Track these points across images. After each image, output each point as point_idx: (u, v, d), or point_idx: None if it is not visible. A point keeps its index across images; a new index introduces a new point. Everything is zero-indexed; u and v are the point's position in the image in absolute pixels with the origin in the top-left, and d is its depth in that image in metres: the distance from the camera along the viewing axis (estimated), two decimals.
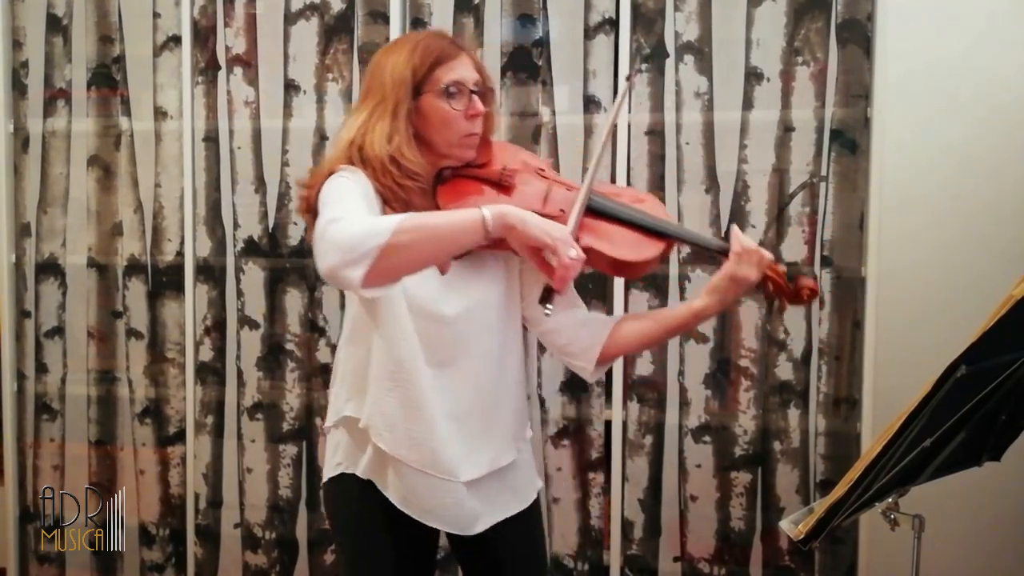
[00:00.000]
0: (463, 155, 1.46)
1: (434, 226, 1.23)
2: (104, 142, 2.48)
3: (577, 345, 1.53)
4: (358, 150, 1.41)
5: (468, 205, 1.41)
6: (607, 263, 1.47)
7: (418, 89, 1.41)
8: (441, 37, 1.47)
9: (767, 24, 2.12)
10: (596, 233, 1.46)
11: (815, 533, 1.27)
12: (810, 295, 1.48)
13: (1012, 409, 1.34)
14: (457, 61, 1.43)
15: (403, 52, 1.43)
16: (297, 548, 2.43)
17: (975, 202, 2.22)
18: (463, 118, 1.42)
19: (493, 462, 1.50)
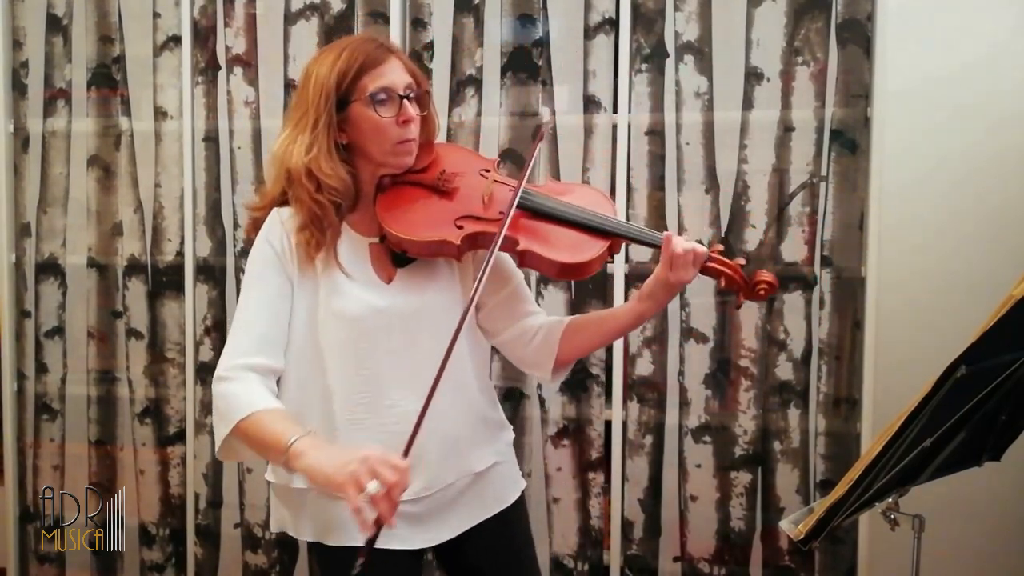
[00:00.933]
0: (400, 162, 1.43)
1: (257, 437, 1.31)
2: (104, 142, 2.48)
3: (532, 357, 1.51)
4: (283, 164, 1.40)
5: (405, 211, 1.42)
6: (547, 266, 1.43)
7: (346, 99, 1.38)
8: (368, 41, 1.42)
9: (767, 24, 2.12)
10: (534, 236, 1.43)
11: (815, 533, 1.27)
12: (767, 290, 1.43)
13: (1012, 409, 1.33)
14: (385, 66, 1.39)
15: (327, 62, 1.39)
16: (297, 548, 2.43)
17: (975, 202, 2.22)
18: (395, 125, 1.39)
19: (459, 469, 1.48)
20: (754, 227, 2.16)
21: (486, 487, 1.53)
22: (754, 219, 2.15)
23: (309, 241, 1.38)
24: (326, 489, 1.22)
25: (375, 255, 1.45)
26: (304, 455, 1.23)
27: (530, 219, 1.44)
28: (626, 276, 2.19)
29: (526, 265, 1.46)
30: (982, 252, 2.21)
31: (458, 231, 1.41)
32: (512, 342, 1.52)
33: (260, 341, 1.38)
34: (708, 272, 1.44)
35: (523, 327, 1.51)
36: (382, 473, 1.15)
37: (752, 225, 2.16)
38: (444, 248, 1.41)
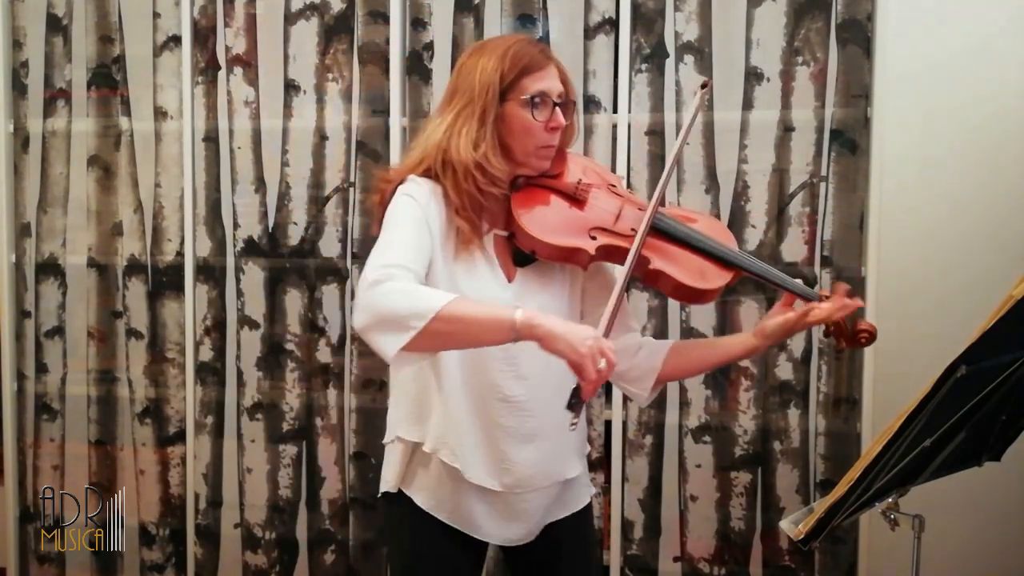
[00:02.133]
0: (539, 165, 1.46)
1: (470, 318, 1.24)
2: (104, 142, 2.48)
3: (636, 371, 1.54)
4: (442, 152, 1.41)
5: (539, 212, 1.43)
6: (672, 287, 1.47)
7: (503, 95, 1.41)
8: (532, 45, 1.45)
9: (767, 24, 2.12)
10: (665, 256, 1.47)
11: (815, 533, 1.27)
12: (867, 339, 1.51)
13: (1012, 409, 1.34)
14: (545, 71, 1.42)
15: (494, 56, 1.42)
16: (297, 548, 2.43)
17: (975, 202, 2.22)
18: (543, 129, 1.42)
19: (558, 475, 1.51)
20: (754, 227, 2.16)
21: (567, 492, 1.56)
22: (754, 219, 2.15)
23: (466, 227, 1.40)
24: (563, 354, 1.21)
25: (499, 249, 1.46)
26: (538, 319, 1.23)
27: (659, 240, 1.48)
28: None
29: (650, 283, 1.51)
30: (982, 252, 2.21)
31: (592, 241, 1.44)
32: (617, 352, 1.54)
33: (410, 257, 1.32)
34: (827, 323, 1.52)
35: (628, 340, 1.54)
36: (608, 355, 1.21)
37: (752, 225, 2.16)
38: (576, 256, 1.43)
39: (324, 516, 2.41)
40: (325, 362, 2.37)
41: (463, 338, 1.27)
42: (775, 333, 1.49)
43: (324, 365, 2.37)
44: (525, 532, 1.52)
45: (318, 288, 2.37)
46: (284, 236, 2.38)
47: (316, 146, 2.34)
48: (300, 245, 2.37)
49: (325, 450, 2.39)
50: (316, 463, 2.40)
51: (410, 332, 1.21)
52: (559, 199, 1.48)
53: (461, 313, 1.23)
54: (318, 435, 2.40)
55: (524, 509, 1.50)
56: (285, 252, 2.38)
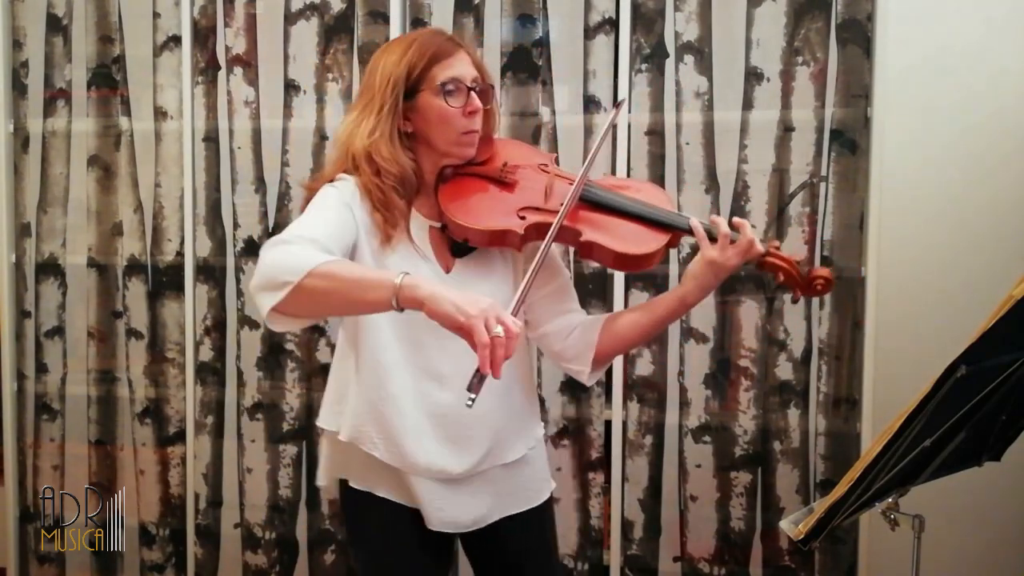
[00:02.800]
0: (463, 153, 1.46)
1: (348, 278, 1.20)
2: (104, 142, 2.48)
3: (572, 350, 1.53)
4: (348, 148, 1.42)
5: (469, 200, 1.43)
6: (610, 257, 1.46)
7: (415, 88, 1.41)
8: (438, 34, 1.46)
9: (767, 24, 2.12)
10: (597, 226, 1.46)
11: (815, 533, 1.27)
12: (824, 285, 1.49)
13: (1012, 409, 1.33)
14: (454, 58, 1.42)
15: (398, 51, 1.43)
16: (297, 548, 2.43)
17: (975, 202, 2.22)
18: (461, 115, 1.42)
19: (493, 458, 1.50)
20: (754, 227, 2.14)
21: (517, 479, 1.54)
22: (754, 219, 2.15)
23: (386, 220, 1.39)
24: (450, 319, 1.14)
25: (435, 242, 1.46)
26: (422, 285, 1.17)
27: (592, 211, 1.47)
28: (626, 277, 2.19)
29: (587, 256, 1.49)
30: (982, 252, 2.21)
31: (521, 221, 1.44)
32: (552, 335, 1.54)
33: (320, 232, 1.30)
34: (766, 267, 1.50)
35: (564, 322, 1.54)
36: (507, 322, 1.14)
37: (752, 225, 2.13)
38: (507, 238, 1.43)
39: (324, 516, 2.41)
40: (325, 362, 2.37)
41: (340, 299, 1.21)
42: (697, 273, 1.46)
43: (324, 365, 2.37)
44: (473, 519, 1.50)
45: None
46: None
47: (316, 146, 2.34)
48: None
49: None
50: (316, 463, 2.39)
51: (284, 289, 1.17)
52: (486, 184, 1.48)
53: (339, 272, 1.20)
54: (318, 435, 2.39)
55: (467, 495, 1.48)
56: None
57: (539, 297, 1.54)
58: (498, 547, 1.56)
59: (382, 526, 1.49)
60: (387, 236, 1.40)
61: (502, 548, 1.56)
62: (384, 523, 1.48)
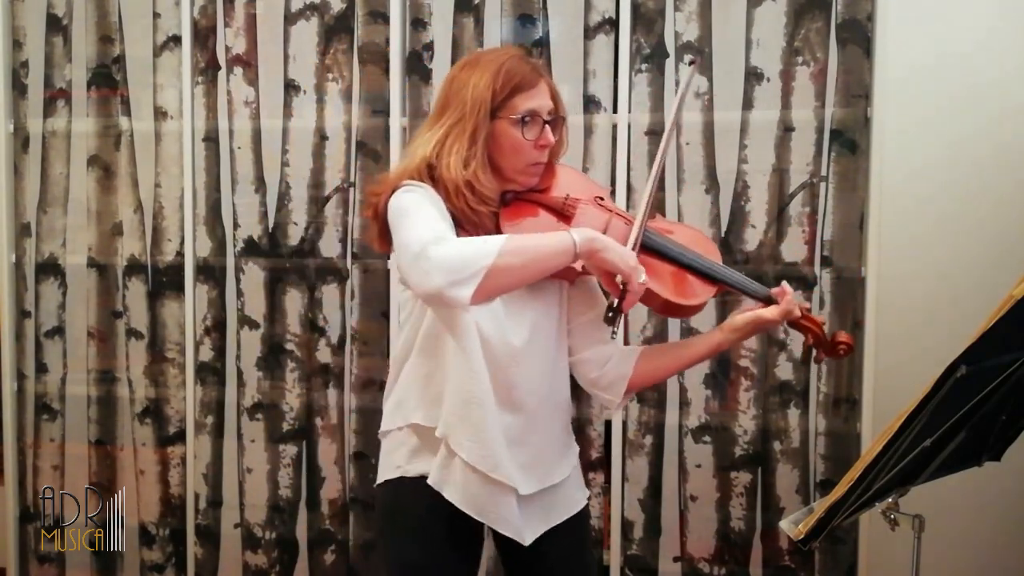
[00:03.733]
0: (527, 182, 1.47)
1: (533, 248, 1.29)
2: (104, 142, 2.48)
3: (606, 379, 1.55)
4: (429, 168, 1.41)
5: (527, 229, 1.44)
6: (659, 303, 1.48)
7: (494, 113, 1.41)
8: (524, 62, 1.45)
9: (767, 24, 2.12)
10: (650, 272, 1.46)
11: (815, 533, 1.27)
12: (845, 351, 1.53)
13: (1012, 409, 1.34)
14: (536, 89, 1.43)
15: (487, 72, 1.42)
16: (297, 548, 2.43)
17: (975, 202, 2.22)
18: (533, 147, 1.43)
19: (546, 479, 1.51)
20: (754, 227, 2.16)
21: (561, 495, 1.56)
22: (754, 219, 2.15)
23: None
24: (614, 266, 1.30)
25: None
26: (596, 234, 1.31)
27: (646, 255, 1.48)
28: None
29: None
30: (982, 252, 2.21)
31: None
32: (587, 363, 1.56)
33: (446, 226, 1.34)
34: (798, 327, 1.54)
35: (600, 351, 1.55)
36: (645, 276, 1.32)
37: (752, 225, 2.16)
38: (564, 272, 1.43)
39: (324, 516, 2.41)
40: (325, 362, 2.37)
41: (531, 268, 1.29)
42: (740, 328, 1.50)
43: (324, 365, 2.37)
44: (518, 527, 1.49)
45: (318, 288, 2.37)
46: (284, 236, 2.38)
47: (316, 146, 2.34)
48: (300, 245, 2.37)
49: (325, 450, 2.39)
50: (316, 463, 2.40)
51: (480, 273, 1.23)
52: (546, 214, 1.48)
53: (523, 245, 1.28)
54: (318, 435, 2.40)
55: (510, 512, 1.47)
56: (285, 252, 2.38)
57: (578, 324, 1.56)
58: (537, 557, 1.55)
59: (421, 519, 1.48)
60: None
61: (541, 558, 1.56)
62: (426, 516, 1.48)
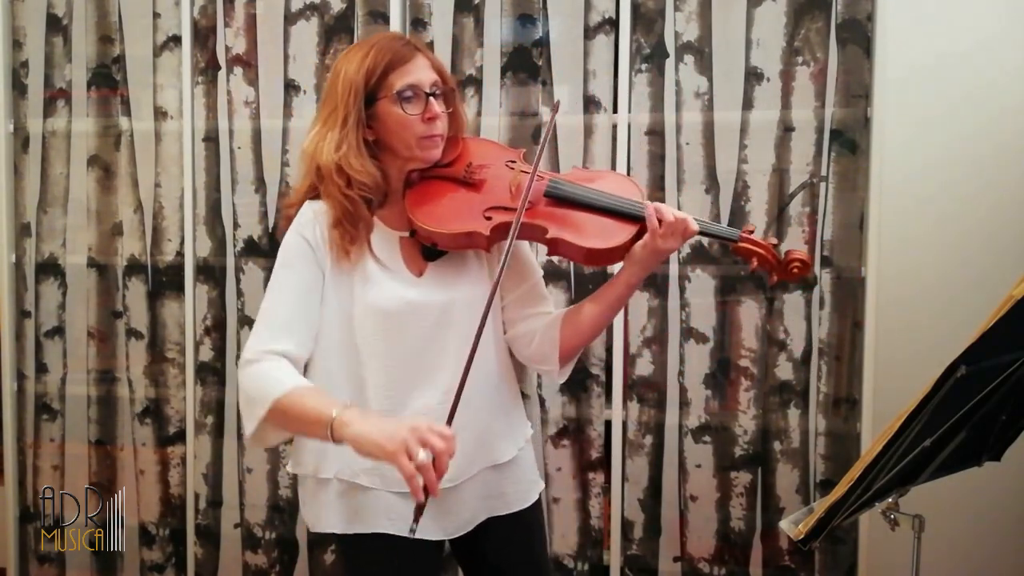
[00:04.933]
0: (426, 156, 1.45)
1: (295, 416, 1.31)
2: (104, 142, 2.48)
3: (540, 352, 1.52)
4: (314, 161, 1.42)
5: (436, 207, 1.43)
6: (579, 253, 1.45)
7: (373, 96, 1.41)
8: (395, 39, 1.45)
9: (767, 24, 2.12)
10: (562, 222, 1.44)
11: (815, 533, 1.27)
12: (800, 268, 1.46)
13: (1012, 409, 1.33)
14: (411, 64, 1.42)
15: (356, 58, 1.42)
16: (297, 548, 2.43)
17: (975, 202, 2.22)
18: (420, 121, 1.41)
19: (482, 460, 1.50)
20: (754, 226, 2.15)
21: (506, 481, 1.54)
22: (754, 219, 2.15)
23: (343, 236, 1.40)
24: (375, 457, 1.21)
25: (406, 249, 1.47)
26: (351, 424, 1.24)
27: (558, 207, 1.46)
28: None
29: (556, 253, 1.48)
30: (982, 253, 2.21)
31: (487, 222, 1.43)
32: (520, 338, 1.54)
33: (288, 328, 1.39)
34: (739, 253, 1.48)
35: (532, 324, 1.53)
36: (431, 441, 1.18)
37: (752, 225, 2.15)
38: (474, 239, 1.43)
39: None
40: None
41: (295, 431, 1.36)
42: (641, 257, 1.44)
43: None
44: (462, 522, 1.50)
45: None
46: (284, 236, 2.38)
47: None
48: None
49: None
50: None
51: (256, 417, 1.32)
52: (452, 186, 1.47)
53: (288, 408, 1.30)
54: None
55: (457, 500, 1.48)
56: None
57: (510, 300, 1.55)
58: (484, 549, 1.56)
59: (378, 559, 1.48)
60: (345, 252, 1.41)
61: (488, 550, 1.56)
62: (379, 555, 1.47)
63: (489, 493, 1.52)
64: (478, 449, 1.49)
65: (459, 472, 1.46)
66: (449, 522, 1.49)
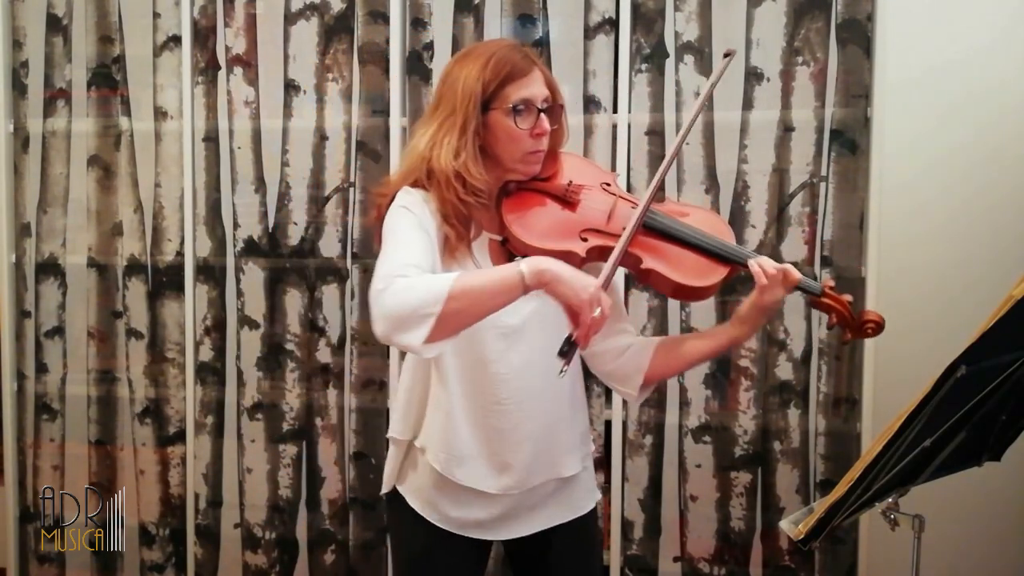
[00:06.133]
0: (528, 170, 1.46)
1: (480, 288, 1.27)
2: (104, 142, 2.48)
3: (622, 371, 1.55)
4: (426, 163, 1.42)
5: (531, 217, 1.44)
6: (668, 286, 1.46)
7: (487, 104, 1.41)
8: (515, 51, 1.45)
9: (767, 24, 2.12)
10: (657, 254, 1.45)
11: (815, 533, 1.27)
12: (874, 329, 1.48)
13: (1012, 409, 1.33)
14: (528, 78, 1.42)
15: (476, 65, 1.42)
16: (297, 548, 2.43)
17: (975, 202, 2.22)
18: (529, 136, 1.42)
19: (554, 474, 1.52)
20: (754, 227, 2.16)
21: (570, 493, 1.56)
22: (754, 219, 2.15)
23: (456, 234, 1.41)
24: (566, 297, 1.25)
25: (495, 253, 1.47)
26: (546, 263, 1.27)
27: (653, 238, 1.47)
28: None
29: (645, 282, 1.51)
30: (982, 253, 2.21)
31: (583, 243, 1.44)
32: (602, 355, 1.55)
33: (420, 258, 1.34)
34: (820, 307, 1.50)
35: (615, 342, 1.55)
36: (604, 306, 1.25)
37: (752, 225, 2.16)
38: (568, 259, 1.42)
39: (324, 516, 2.41)
40: (325, 362, 2.37)
41: (480, 308, 1.28)
42: (746, 316, 1.48)
43: (324, 365, 2.37)
44: (523, 529, 1.52)
45: (318, 288, 2.37)
46: (284, 236, 2.38)
47: (316, 146, 2.34)
48: (300, 245, 2.37)
49: (325, 450, 2.39)
50: (316, 463, 2.40)
51: (429, 320, 1.23)
52: (550, 202, 1.48)
53: (470, 285, 1.26)
54: (318, 435, 2.40)
55: (521, 508, 1.51)
56: (285, 252, 2.38)
57: None
58: (538, 553, 1.57)
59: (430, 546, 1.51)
60: (453, 251, 1.41)
61: (542, 554, 1.57)
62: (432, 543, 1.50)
63: (551, 504, 1.54)
64: (545, 461, 1.50)
65: (522, 481, 1.48)
66: (509, 527, 1.51)
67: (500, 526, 1.51)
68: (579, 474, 1.57)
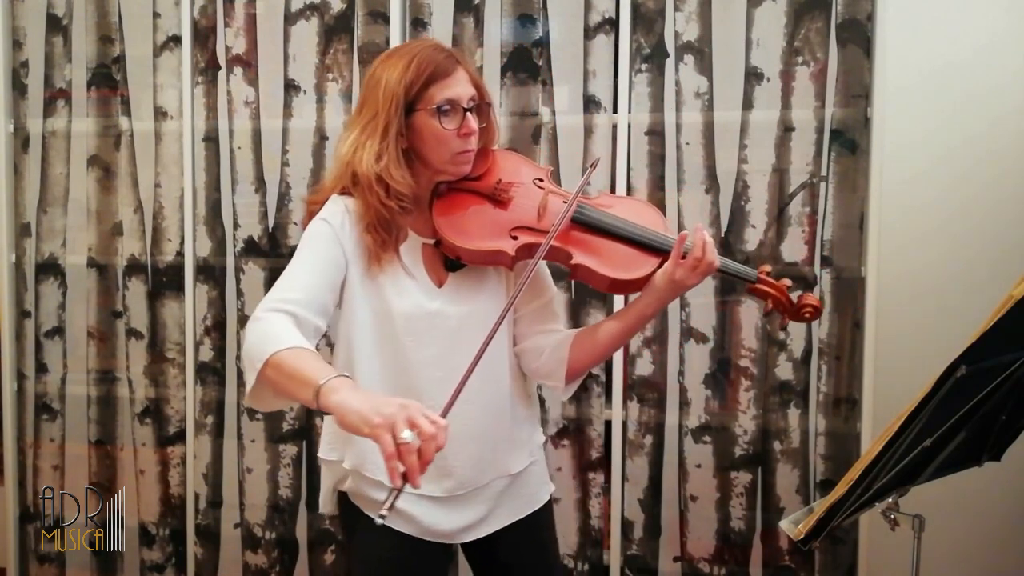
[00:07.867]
0: (458, 171, 1.45)
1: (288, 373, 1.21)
2: (104, 142, 2.48)
3: (546, 368, 1.53)
4: (350, 167, 1.42)
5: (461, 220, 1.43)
6: (602, 281, 1.46)
7: (411, 106, 1.40)
8: (438, 51, 1.43)
9: (767, 24, 2.12)
10: (588, 248, 1.44)
11: (815, 533, 1.27)
12: (812, 313, 1.47)
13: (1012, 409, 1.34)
14: (452, 78, 1.41)
15: (398, 67, 1.41)
16: (297, 548, 2.43)
17: (975, 202, 2.22)
18: (456, 136, 1.41)
19: (502, 471, 1.52)
20: (754, 227, 2.16)
21: (521, 488, 1.56)
22: (754, 219, 2.15)
23: (378, 242, 1.40)
24: (356, 430, 1.10)
25: (428, 257, 1.47)
26: (338, 391, 1.15)
27: (584, 232, 1.46)
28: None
29: (578, 278, 1.49)
30: (982, 253, 2.21)
31: (513, 241, 1.43)
32: (528, 352, 1.55)
33: (301, 290, 1.35)
34: (755, 293, 1.49)
35: (541, 341, 1.54)
36: (420, 424, 1.07)
37: (752, 225, 2.16)
38: (499, 258, 1.43)
39: (324, 516, 2.41)
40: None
41: (284, 390, 1.24)
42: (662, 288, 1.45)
43: None
44: (477, 527, 1.52)
45: None
46: (284, 236, 2.38)
47: (316, 146, 2.34)
48: None
49: None
50: (316, 463, 2.39)
51: (253, 374, 1.25)
52: (480, 201, 1.47)
53: (284, 364, 1.22)
54: (318, 435, 2.39)
55: (470, 507, 1.50)
56: (285, 252, 2.38)
57: (522, 315, 1.55)
58: (495, 551, 1.57)
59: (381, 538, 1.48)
60: (377, 258, 1.41)
61: (499, 552, 1.57)
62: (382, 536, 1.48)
63: (501, 500, 1.54)
64: (490, 460, 1.50)
65: (465, 482, 1.47)
66: (465, 527, 1.51)
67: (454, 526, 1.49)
68: (529, 467, 1.57)
